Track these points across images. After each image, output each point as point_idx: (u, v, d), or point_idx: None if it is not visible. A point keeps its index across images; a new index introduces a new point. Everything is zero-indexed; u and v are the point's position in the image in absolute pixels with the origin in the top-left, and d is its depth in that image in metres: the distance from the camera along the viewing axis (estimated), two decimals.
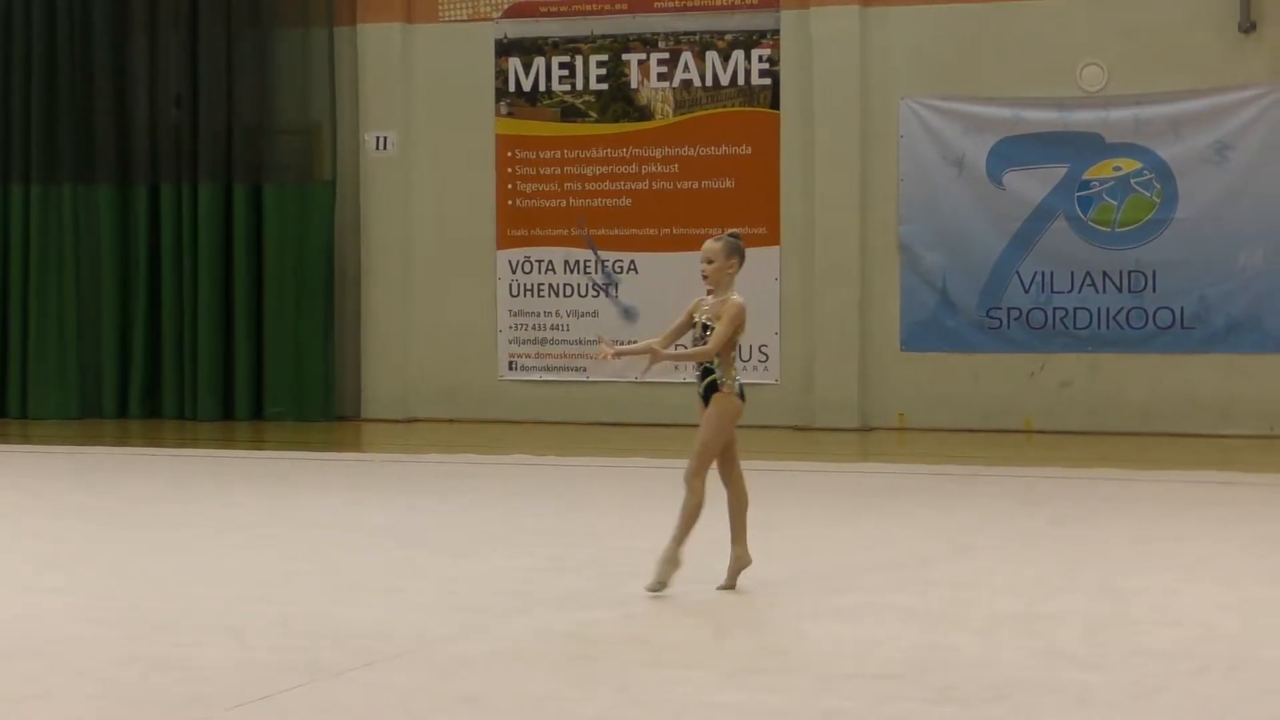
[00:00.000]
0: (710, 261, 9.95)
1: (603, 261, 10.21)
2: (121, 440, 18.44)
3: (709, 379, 9.87)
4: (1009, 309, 18.03)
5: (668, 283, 18.72)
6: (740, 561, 9.76)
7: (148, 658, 8.12)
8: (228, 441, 18.10)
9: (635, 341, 10.18)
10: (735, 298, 9.90)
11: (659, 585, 9.51)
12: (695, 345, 9.85)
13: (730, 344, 9.86)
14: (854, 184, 18.24)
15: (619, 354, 9.98)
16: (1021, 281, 17.98)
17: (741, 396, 9.96)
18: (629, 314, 9.73)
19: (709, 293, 9.92)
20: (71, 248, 19.96)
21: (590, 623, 8.90)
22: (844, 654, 8.18)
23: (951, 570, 10.41)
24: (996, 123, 17.95)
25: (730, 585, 9.70)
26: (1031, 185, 17.90)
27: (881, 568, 10.46)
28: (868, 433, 18.10)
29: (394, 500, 13.45)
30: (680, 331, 10.02)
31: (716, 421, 9.86)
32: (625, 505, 13.22)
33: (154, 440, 18.24)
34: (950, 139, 18.06)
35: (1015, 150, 17.93)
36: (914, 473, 14.99)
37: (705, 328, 9.80)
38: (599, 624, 8.88)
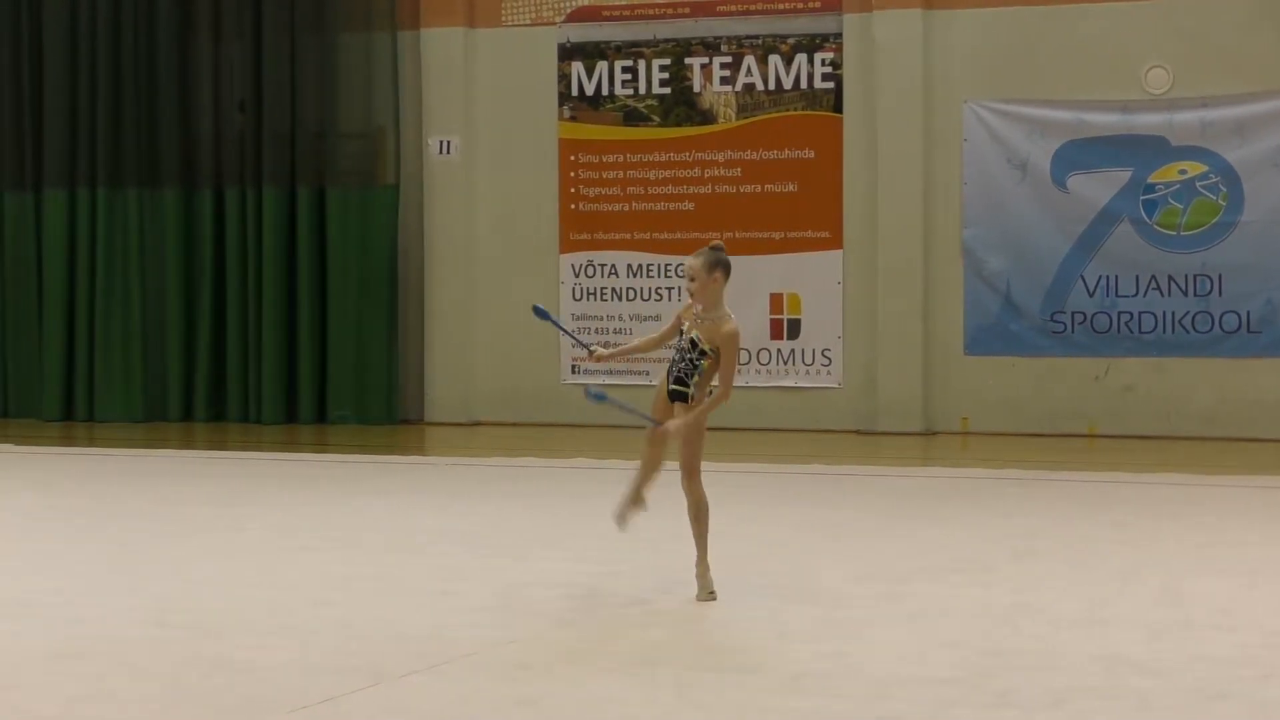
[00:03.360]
0: (693, 279, 9.75)
1: (574, 336, 10.11)
2: (186, 444, 18.53)
3: (680, 390, 9.68)
4: (1073, 313, 17.95)
5: (730, 286, 18.68)
6: (636, 504, 9.91)
7: (210, 660, 8.16)
8: (291, 445, 18.17)
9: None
10: (729, 326, 9.70)
11: (709, 595, 9.51)
12: (681, 355, 9.68)
13: (714, 368, 9.74)
14: (917, 188, 18.19)
15: (612, 356, 9.90)
16: (1086, 285, 17.90)
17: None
18: (599, 398, 9.62)
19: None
20: (137, 252, 20.08)
21: (649, 626, 8.91)
22: (904, 659, 8.16)
23: (1013, 575, 10.37)
24: (1060, 126, 17.87)
25: (619, 516, 9.90)
26: (1096, 189, 17.82)
27: (942, 572, 10.43)
28: (930, 437, 18.04)
29: (455, 503, 13.48)
30: (667, 337, 9.89)
31: (692, 426, 9.67)
32: (683, 509, 13.17)
33: (218, 444, 18.34)
34: (1014, 142, 17.99)
35: (1079, 153, 17.85)
36: (976, 477, 14.93)
37: (694, 344, 9.67)
38: (658, 628, 8.88)
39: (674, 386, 9.69)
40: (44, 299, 20.29)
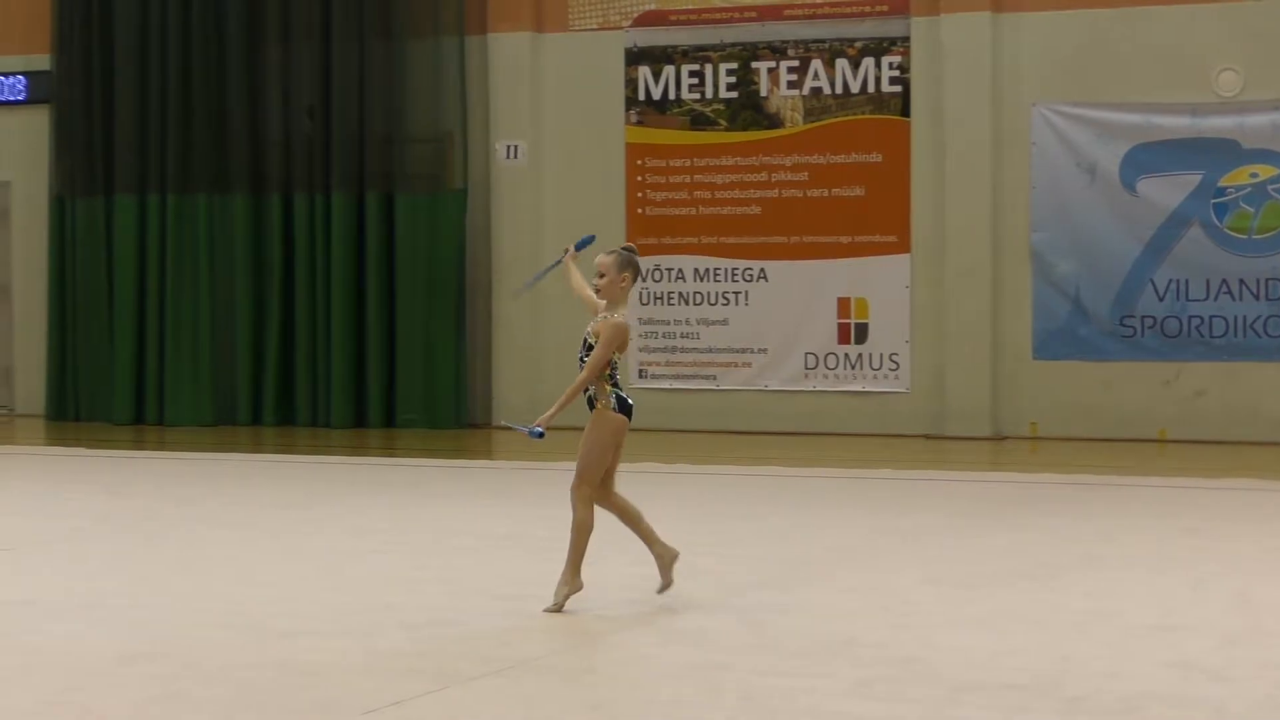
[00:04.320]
0: (602, 275, 9.68)
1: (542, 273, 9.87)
2: (255, 447, 18.61)
3: (588, 394, 9.62)
4: (1143, 317, 17.85)
5: (797, 290, 18.71)
6: (665, 557, 9.60)
7: (279, 663, 8.19)
8: (359, 448, 18.22)
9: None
10: (615, 317, 9.56)
11: (556, 607, 9.31)
12: (580, 360, 9.59)
13: (604, 364, 9.53)
14: (985, 191, 18.13)
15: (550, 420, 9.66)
16: (1156, 289, 17.79)
17: (623, 410, 9.68)
18: (536, 435, 9.56)
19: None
20: (207, 257, 20.20)
21: (715, 630, 8.89)
22: (973, 663, 8.12)
23: (1083, 580, 10.31)
24: (1129, 129, 17.77)
25: (669, 582, 9.56)
26: (1166, 192, 17.71)
27: (1012, 577, 10.38)
28: (999, 441, 17.97)
29: (522, 508, 13.49)
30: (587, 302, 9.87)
31: (595, 436, 9.61)
32: (750, 513, 13.20)
33: (287, 447, 18.41)
34: (1082, 146, 17.90)
35: (1149, 157, 17.74)
36: (1046, 482, 14.87)
37: (585, 342, 9.62)
38: (723, 631, 8.86)
39: (586, 397, 9.57)
40: (114, 304, 20.43)
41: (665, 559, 9.61)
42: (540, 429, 9.52)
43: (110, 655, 8.37)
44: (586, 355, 9.57)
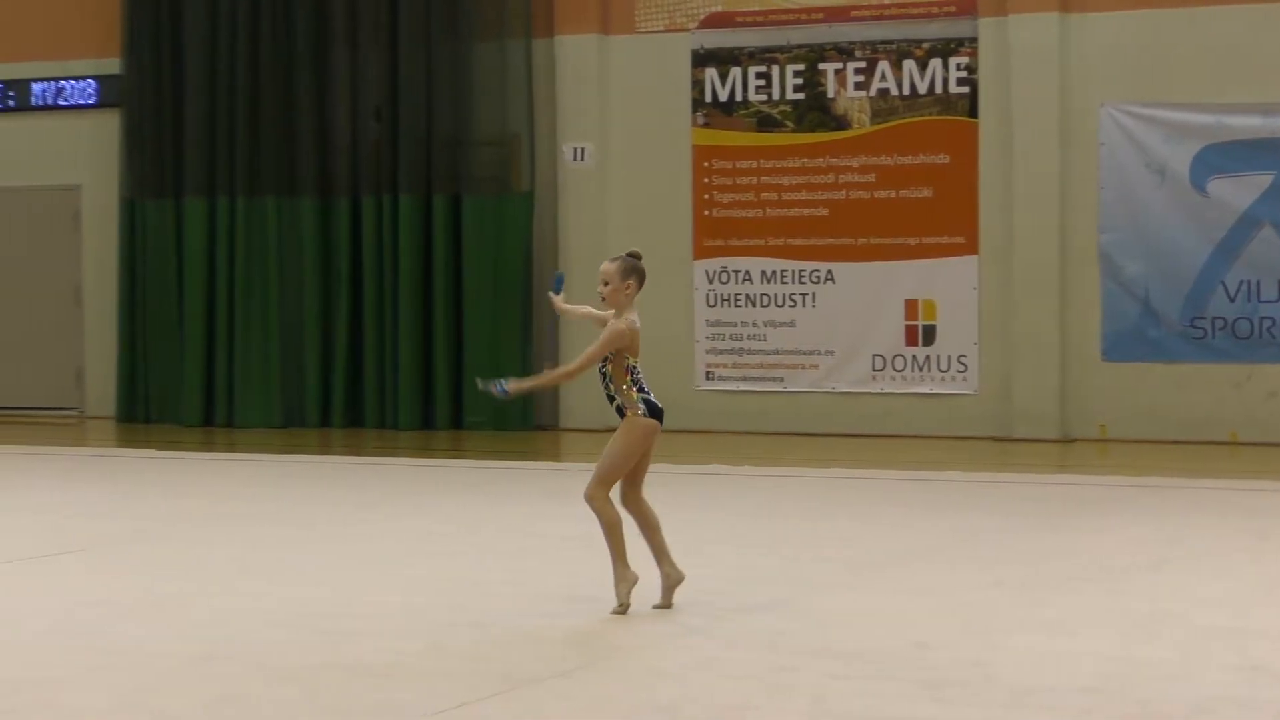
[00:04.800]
0: (606, 283, 9.64)
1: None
2: (323, 449, 18.69)
3: (615, 406, 9.54)
4: (1214, 319, 17.72)
5: (864, 292, 18.67)
6: (671, 578, 9.48)
7: (346, 664, 8.22)
8: (427, 451, 18.28)
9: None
10: (618, 323, 9.49)
11: (621, 608, 9.31)
12: (600, 372, 9.57)
13: (620, 367, 9.51)
14: (1053, 192, 18.04)
15: (520, 389, 9.59)
16: (1227, 291, 17.67)
17: (654, 414, 9.55)
18: (501, 391, 9.50)
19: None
20: (275, 259, 20.29)
21: (782, 633, 8.88)
22: (1041, 667, 8.09)
23: (1152, 583, 10.26)
24: (1199, 129, 17.66)
25: (667, 604, 9.44)
26: (1237, 193, 17.59)
27: (1081, 580, 10.33)
28: (1068, 444, 17.88)
29: (587, 510, 13.47)
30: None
31: (624, 441, 9.50)
32: (818, 515, 13.18)
33: (355, 449, 18.48)
34: (1152, 146, 17.80)
35: (1219, 157, 17.62)
36: (1115, 484, 14.79)
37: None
38: (791, 634, 8.85)
39: (614, 408, 9.53)
40: (184, 306, 20.56)
41: (670, 580, 9.50)
42: (506, 387, 9.46)
43: (181, 656, 8.43)
44: (602, 366, 9.45)
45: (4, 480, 15.78)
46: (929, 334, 18.51)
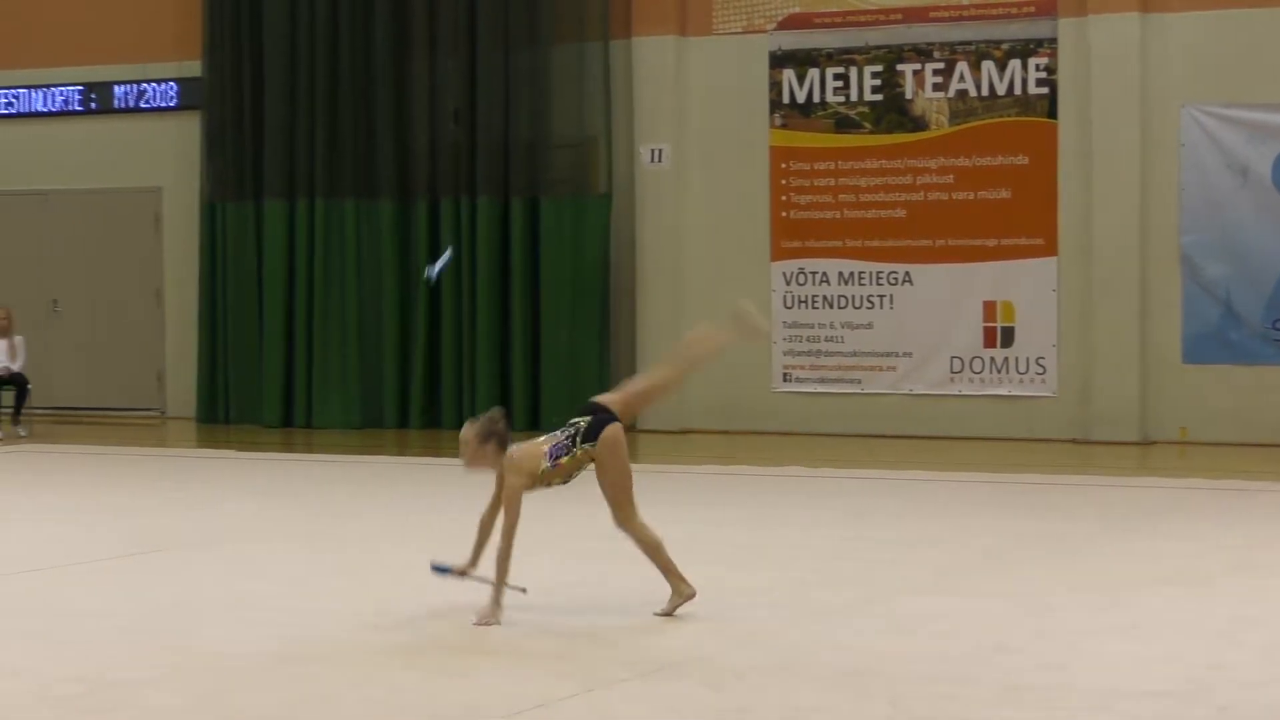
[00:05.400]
0: (464, 446, 9.47)
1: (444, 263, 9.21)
2: (401, 450, 18.77)
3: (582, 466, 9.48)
4: None
5: (943, 294, 18.61)
6: (683, 595, 9.39)
7: (426, 666, 8.26)
8: None
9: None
10: (507, 489, 9.41)
11: (668, 612, 9.32)
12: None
13: (546, 484, 9.55)
14: (1134, 193, 17.94)
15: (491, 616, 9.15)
16: None
17: (597, 428, 9.60)
18: (442, 570, 9.44)
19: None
20: (354, 261, 20.39)
21: (859, 635, 8.86)
22: (1120, 671, 8.04)
23: (1232, 587, 10.18)
24: None
25: (670, 612, 9.40)
26: None
27: (1160, 584, 10.27)
28: (1148, 446, 17.77)
29: (667, 512, 13.47)
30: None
31: (611, 470, 9.56)
32: (896, 518, 13.14)
33: (433, 450, 18.54)
34: (1233, 147, 17.67)
35: None
36: (1195, 488, 14.68)
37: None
38: (868, 636, 8.83)
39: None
40: (264, 308, 20.68)
41: (682, 597, 9.40)
42: (437, 268, 9.29)
43: (261, 656, 8.48)
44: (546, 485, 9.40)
45: (87, 480, 15.92)
46: (1007, 336, 18.44)
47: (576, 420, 9.47)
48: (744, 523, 12.95)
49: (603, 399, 9.61)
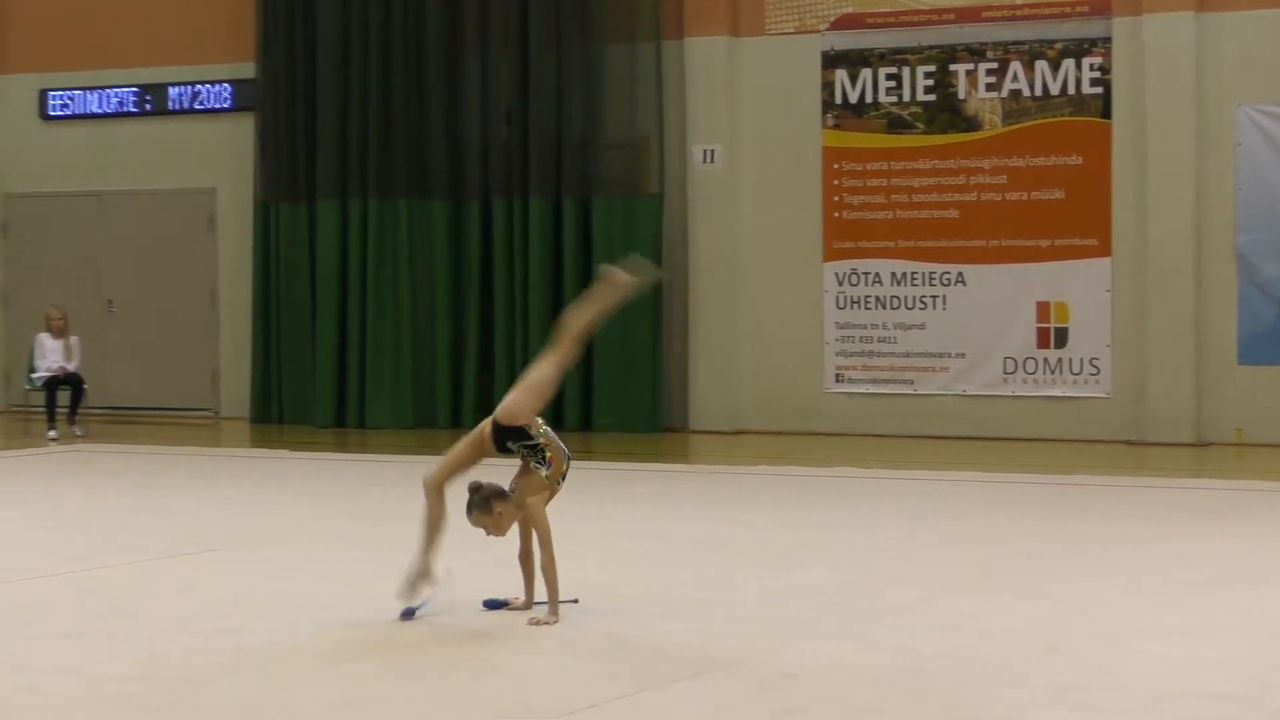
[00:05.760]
0: (492, 528, 9.41)
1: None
2: None
3: (526, 459, 9.46)
4: None
5: (996, 294, 18.54)
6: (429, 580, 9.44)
7: (477, 665, 8.27)
8: None
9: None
10: (528, 509, 9.37)
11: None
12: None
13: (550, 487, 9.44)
14: (1189, 193, 17.84)
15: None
16: None
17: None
18: (496, 605, 9.42)
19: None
20: (407, 262, 20.44)
21: (911, 635, 8.84)
22: (1174, 673, 8.00)
23: None
24: None
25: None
26: None
27: (1215, 586, 10.22)
28: (1202, 448, 17.67)
29: (719, 511, 13.50)
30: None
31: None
32: (949, 518, 13.10)
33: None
34: None
35: None
36: (1251, 489, 14.60)
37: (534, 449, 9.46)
38: (921, 637, 8.81)
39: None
40: (317, 308, 20.74)
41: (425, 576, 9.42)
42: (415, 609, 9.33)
43: (312, 655, 8.51)
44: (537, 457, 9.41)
45: (142, 480, 16.00)
46: (1061, 336, 18.37)
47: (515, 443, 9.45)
48: (795, 523, 12.93)
49: (502, 410, 9.53)
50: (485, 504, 9.38)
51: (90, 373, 20.27)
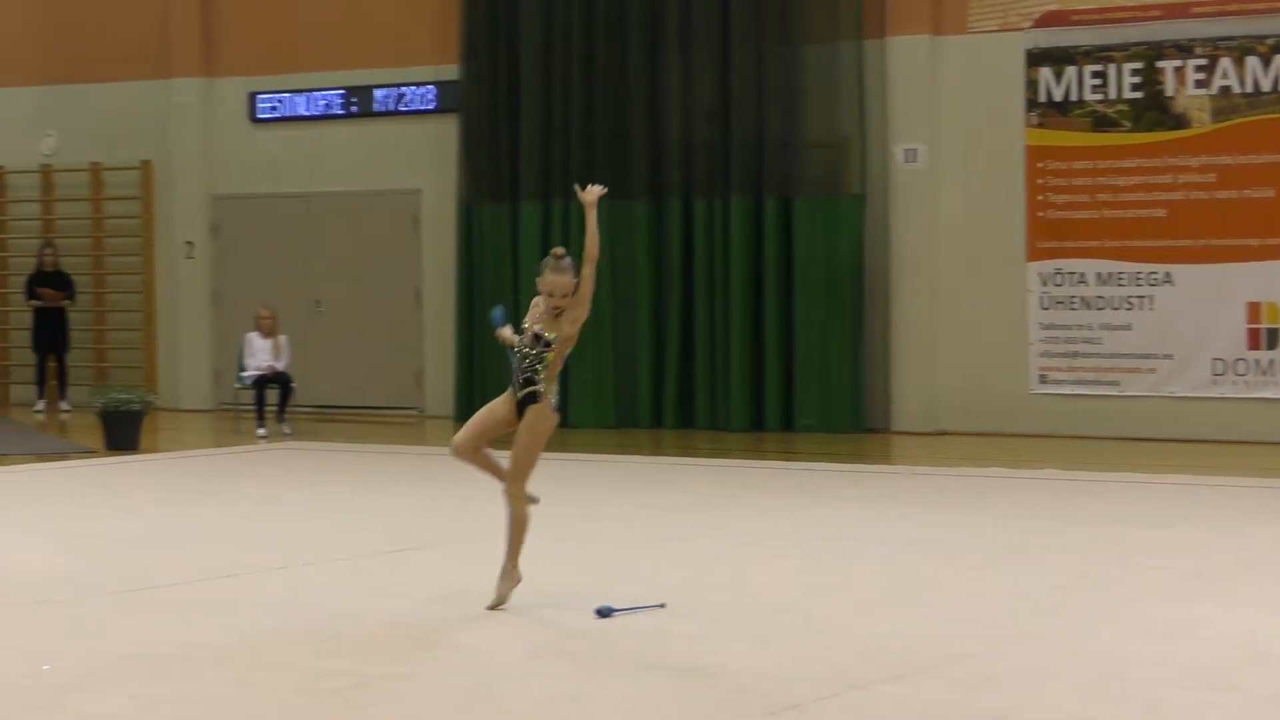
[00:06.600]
0: (561, 295, 10.05)
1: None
2: (655, 450, 18.85)
3: (530, 389, 9.81)
4: None
5: (1205, 295, 18.26)
6: (512, 581, 9.53)
7: (676, 665, 8.28)
8: (757, 452, 18.33)
9: None
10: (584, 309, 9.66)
11: (499, 602, 9.44)
12: (524, 355, 10.03)
13: (560, 356, 9.88)
14: None
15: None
16: None
17: (558, 412, 9.76)
18: (607, 612, 9.37)
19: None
20: (608, 263, 20.50)
21: (1117, 639, 8.73)
22: None
23: None
24: None
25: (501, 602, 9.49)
26: None
27: None
28: None
29: (920, 513, 13.41)
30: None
31: (539, 433, 9.79)
32: (1157, 522, 12.92)
33: (686, 450, 18.61)
34: None
35: None
36: None
37: (538, 338, 9.95)
38: (1127, 641, 8.70)
39: (525, 390, 9.80)
40: (519, 309, 20.83)
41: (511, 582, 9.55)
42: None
43: (518, 652, 8.58)
44: (538, 348, 10.04)
45: (348, 478, 16.21)
46: (1272, 337, 18.04)
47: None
48: (1000, 525, 12.81)
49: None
50: (570, 264, 9.96)
51: (298, 372, 20.59)
